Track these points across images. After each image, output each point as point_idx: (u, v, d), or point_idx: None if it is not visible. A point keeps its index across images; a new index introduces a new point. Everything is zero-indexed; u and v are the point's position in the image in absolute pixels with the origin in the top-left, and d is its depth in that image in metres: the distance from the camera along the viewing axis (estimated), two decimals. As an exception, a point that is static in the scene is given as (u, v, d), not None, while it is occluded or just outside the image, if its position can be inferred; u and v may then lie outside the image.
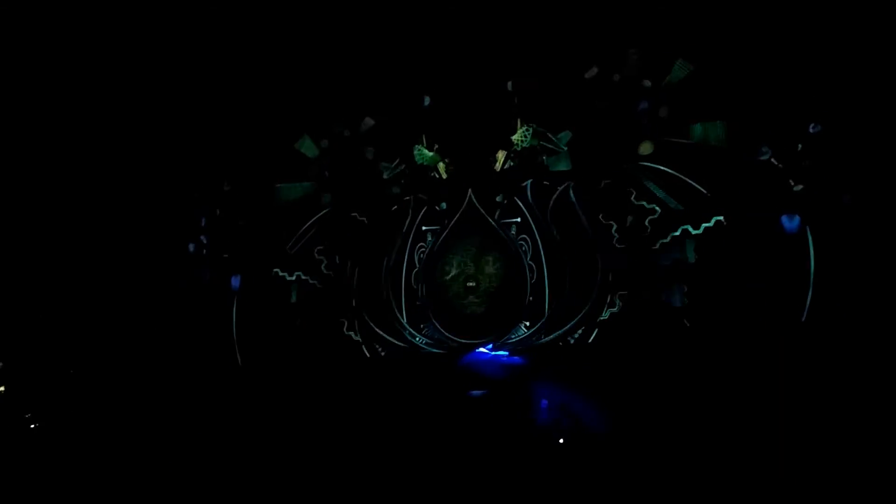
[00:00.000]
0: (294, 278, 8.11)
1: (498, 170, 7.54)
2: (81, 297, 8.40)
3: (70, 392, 8.18)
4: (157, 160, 8.36)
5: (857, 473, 5.63)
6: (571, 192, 7.33)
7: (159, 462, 7.30)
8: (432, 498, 6.41)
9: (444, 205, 7.73)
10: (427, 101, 7.81)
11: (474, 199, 7.59)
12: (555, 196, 7.39)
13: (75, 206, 8.37)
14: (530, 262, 7.42)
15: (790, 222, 6.48)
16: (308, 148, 8.04)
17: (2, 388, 8.09)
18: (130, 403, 8.02)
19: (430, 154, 7.56)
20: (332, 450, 7.08)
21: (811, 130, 6.39)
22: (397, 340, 7.77)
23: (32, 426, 7.81)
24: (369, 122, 7.90)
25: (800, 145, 6.45)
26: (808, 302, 6.40)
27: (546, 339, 7.36)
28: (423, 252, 7.75)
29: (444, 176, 7.71)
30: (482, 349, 7.55)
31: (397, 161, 7.74)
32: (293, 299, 8.09)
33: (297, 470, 6.97)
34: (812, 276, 6.39)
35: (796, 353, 6.28)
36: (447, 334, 7.59)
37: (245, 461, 7.17)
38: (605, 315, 7.18)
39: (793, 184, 6.46)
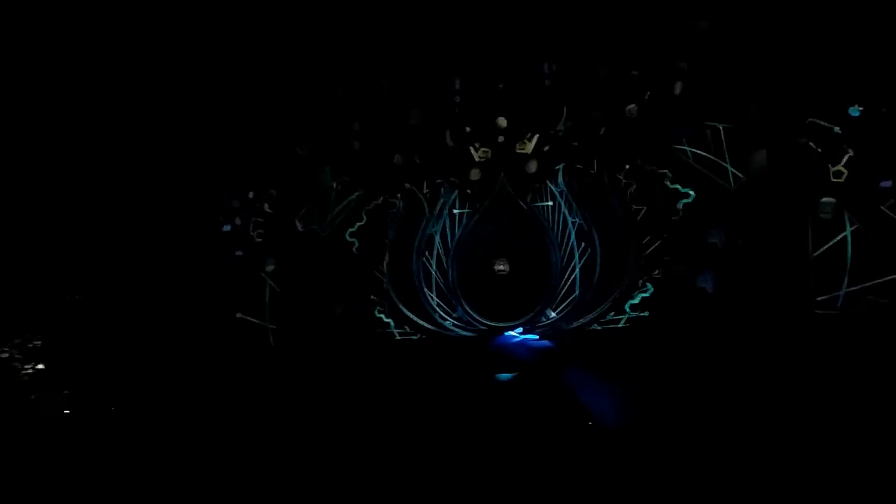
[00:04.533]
0: (325, 259, 8.15)
1: (530, 153, 7.52)
2: (116, 279, 8.51)
3: (103, 371, 8.31)
4: (191, 143, 8.42)
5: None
6: (604, 175, 7.29)
7: (190, 441, 7.42)
8: (461, 479, 6.45)
9: (475, 188, 7.71)
10: (458, 84, 7.77)
11: (506, 183, 7.58)
12: (587, 180, 7.36)
13: (113, 187, 8.48)
14: (561, 246, 7.40)
15: (827, 207, 6.40)
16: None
17: (41, 366, 8.26)
18: (163, 383, 8.15)
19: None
20: (363, 432, 7.15)
21: (851, 114, 6.31)
22: (427, 323, 7.79)
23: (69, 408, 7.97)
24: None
25: (837, 129, 6.37)
26: (843, 289, 6.33)
27: (576, 323, 7.35)
28: (453, 235, 7.75)
29: (477, 159, 7.72)
30: (512, 332, 7.55)
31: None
32: (324, 281, 8.15)
33: (328, 451, 7.05)
34: (849, 263, 6.31)
35: (831, 341, 6.23)
36: (477, 317, 7.61)
37: (276, 443, 7.27)
38: (636, 300, 7.15)
39: (831, 168, 6.38)
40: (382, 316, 7.95)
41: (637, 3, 7.14)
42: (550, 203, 7.51)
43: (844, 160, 6.33)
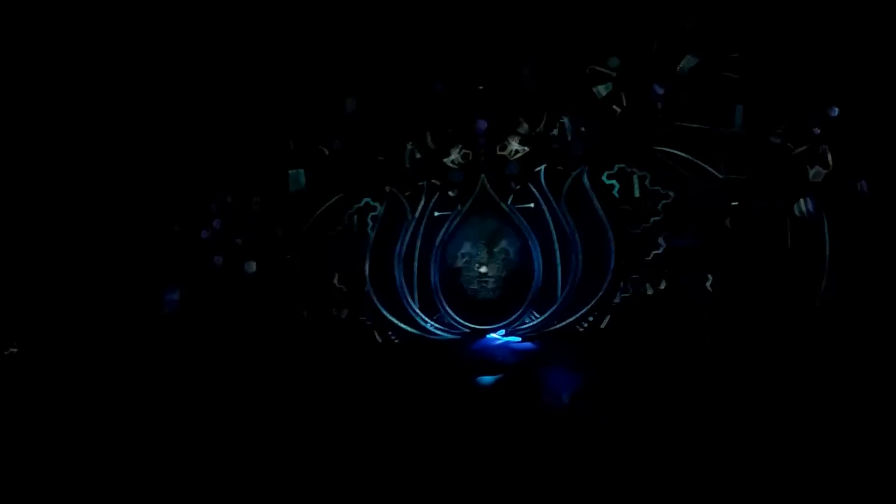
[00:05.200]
0: (307, 264, 8.11)
1: (511, 155, 7.53)
2: (94, 285, 8.41)
3: (80, 378, 8.20)
4: (169, 147, 8.36)
5: (870, 463, 5.61)
6: (585, 177, 7.31)
7: (172, 448, 7.33)
8: (445, 482, 6.42)
9: (456, 190, 7.71)
10: (439, 86, 7.78)
11: (487, 185, 7.58)
12: (568, 181, 7.37)
13: (88, 192, 8.39)
14: (543, 248, 7.39)
15: (805, 207, 6.45)
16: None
17: (17, 372, 8.13)
18: (143, 389, 8.05)
19: None
20: (346, 436, 7.09)
21: (829, 114, 6.37)
22: (409, 326, 7.76)
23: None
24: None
25: (816, 129, 6.43)
26: (822, 287, 6.37)
27: (558, 325, 7.34)
28: (435, 238, 7.73)
29: (458, 161, 7.71)
30: (494, 335, 7.54)
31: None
32: (305, 284, 8.11)
33: (309, 456, 6.99)
34: (827, 262, 6.36)
35: (810, 339, 6.27)
36: (459, 320, 7.58)
37: (258, 448, 7.20)
38: (617, 301, 7.16)
39: (809, 168, 6.44)
40: (364, 319, 7.93)
41: (619, 3, 7.18)
42: (532, 205, 7.50)
43: (821, 160, 6.40)
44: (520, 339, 7.50)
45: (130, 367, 8.17)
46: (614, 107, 7.19)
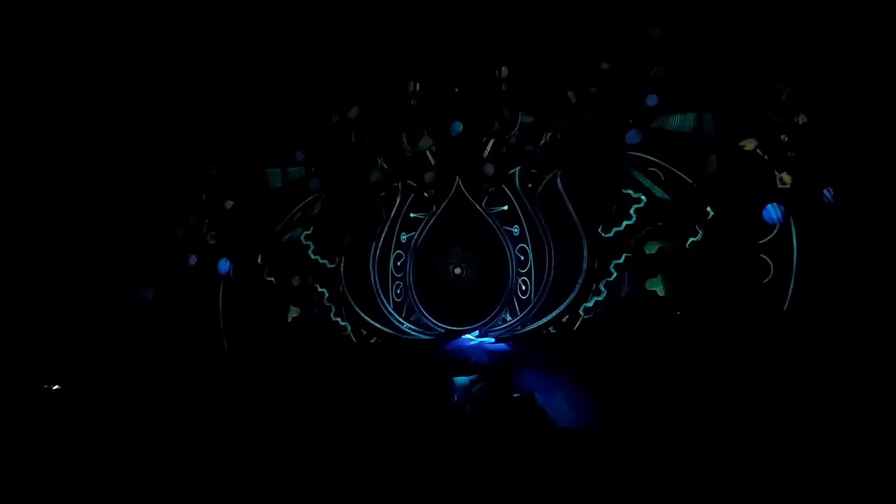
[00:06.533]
0: (281, 263, 8.10)
1: (486, 157, 7.55)
2: (65, 283, 8.36)
3: (50, 376, 8.16)
4: (142, 144, 8.32)
5: (838, 466, 5.70)
6: (559, 180, 7.34)
7: (144, 449, 7.31)
8: (417, 484, 6.45)
9: (431, 191, 7.72)
10: (414, 86, 7.77)
11: (462, 187, 7.60)
12: (542, 184, 7.40)
13: (60, 189, 8.33)
14: (517, 250, 7.43)
15: (774, 213, 6.51)
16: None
17: None
18: (116, 388, 8.02)
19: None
20: (320, 435, 7.10)
21: (797, 122, 6.44)
22: (384, 326, 7.77)
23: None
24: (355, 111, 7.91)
25: (785, 136, 6.49)
26: (790, 292, 6.45)
27: (531, 326, 7.38)
28: (410, 239, 7.74)
29: (433, 162, 7.72)
30: (468, 336, 7.57)
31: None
32: (279, 286, 8.10)
33: (283, 456, 6.99)
34: (795, 267, 6.43)
35: (778, 343, 6.34)
36: (434, 321, 7.61)
37: (231, 447, 7.19)
38: (590, 303, 7.21)
39: (777, 174, 6.50)
40: (339, 319, 7.94)
41: (593, 8, 7.20)
42: (506, 207, 7.52)
43: (790, 167, 6.47)
44: (494, 339, 7.53)
45: (104, 362, 8.15)
46: (588, 111, 7.21)
